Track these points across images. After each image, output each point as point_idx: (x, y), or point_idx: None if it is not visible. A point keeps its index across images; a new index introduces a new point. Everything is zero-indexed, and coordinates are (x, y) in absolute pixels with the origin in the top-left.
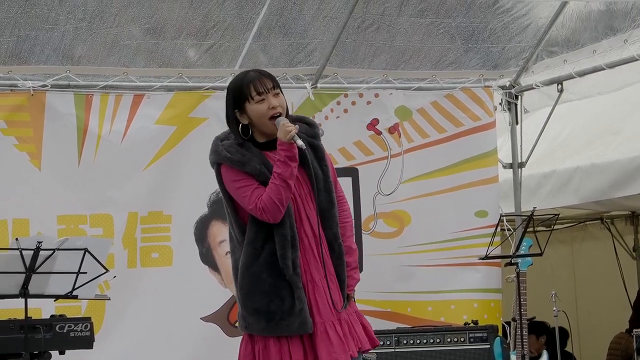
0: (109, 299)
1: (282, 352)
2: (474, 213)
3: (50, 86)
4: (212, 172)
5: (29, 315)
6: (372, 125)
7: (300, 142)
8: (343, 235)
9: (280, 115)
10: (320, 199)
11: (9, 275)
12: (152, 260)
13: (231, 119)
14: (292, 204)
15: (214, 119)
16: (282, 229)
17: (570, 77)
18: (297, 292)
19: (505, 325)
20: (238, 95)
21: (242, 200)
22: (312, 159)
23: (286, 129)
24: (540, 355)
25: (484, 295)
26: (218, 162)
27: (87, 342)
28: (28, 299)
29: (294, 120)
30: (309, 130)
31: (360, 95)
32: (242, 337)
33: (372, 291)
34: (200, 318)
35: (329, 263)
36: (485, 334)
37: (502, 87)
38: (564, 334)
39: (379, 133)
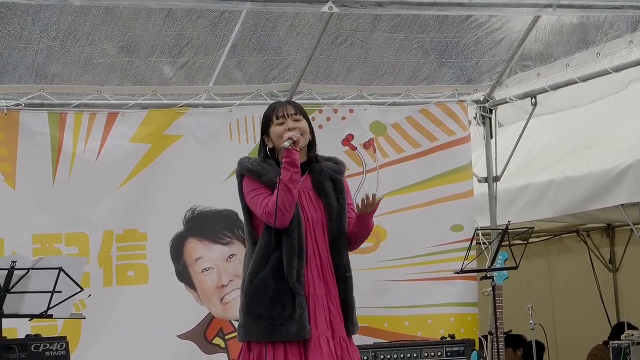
0: (85, 318)
1: (277, 359)
2: (450, 227)
3: (24, 105)
4: (187, 190)
5: (3, 335)
6: (347, 141)
7: (286, 144)
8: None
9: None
10: (332, 227)
11: None
12: (128, 279)
13: (260, 143)
14: (304, 224)
15: (189, 136)
16: (291, 239)
17: (544, 90)
18: (298, 298)
19: (482, 339)
20: (265, 120)
21: (255, 207)
22: (331, 190)
23: (283, 137)
24: None
25: (461, 310)
26: (241, 174)
27: None
28: (3, 319)
29: (325, 160)
30: (335, 167)
31: (335, 111)
32: (241, 347)
33: None
34: (177, 336)
35: (334, 287)
36: (462, 348)
37: (477, 102)
38: (541, 347)
39: (354, 149)
